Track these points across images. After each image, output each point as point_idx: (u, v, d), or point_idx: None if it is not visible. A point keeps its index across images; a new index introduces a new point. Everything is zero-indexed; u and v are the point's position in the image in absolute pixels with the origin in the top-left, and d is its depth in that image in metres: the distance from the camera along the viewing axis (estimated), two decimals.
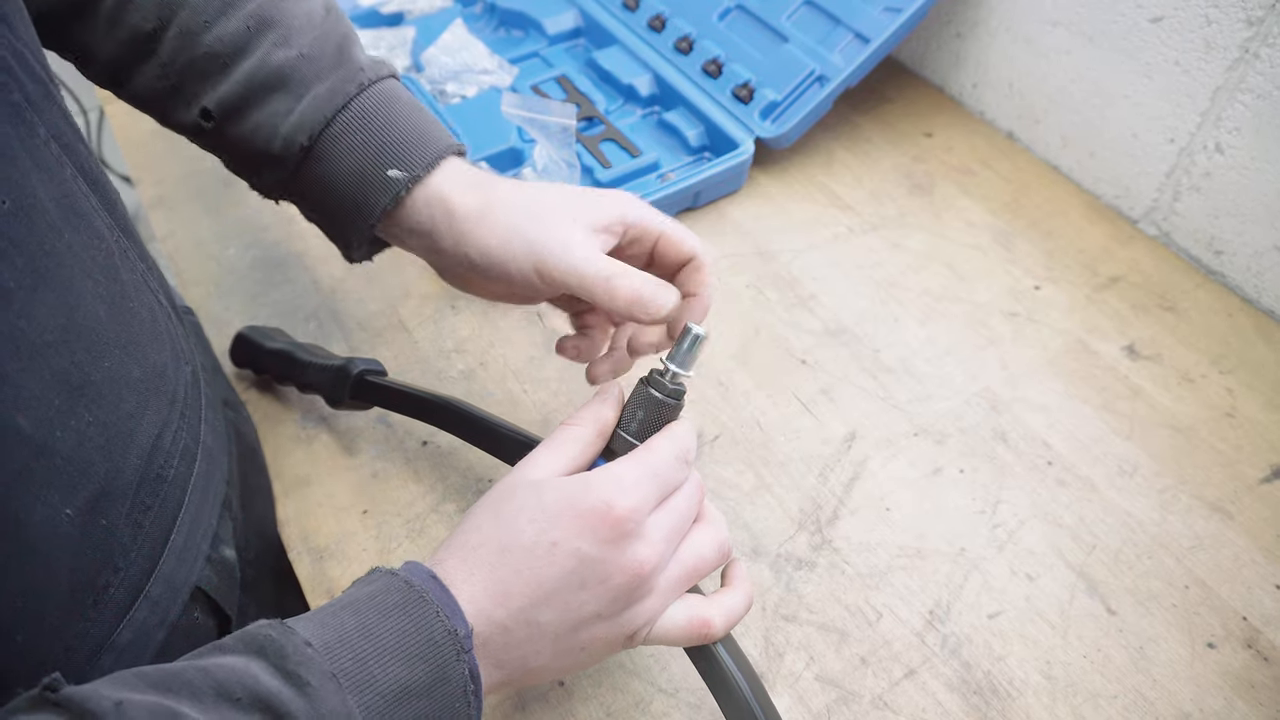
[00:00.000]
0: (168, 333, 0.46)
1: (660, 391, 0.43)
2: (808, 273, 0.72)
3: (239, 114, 0.47)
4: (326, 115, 0.46)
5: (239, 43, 0.46)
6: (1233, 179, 0.67)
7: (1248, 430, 0.61)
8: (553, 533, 0.38)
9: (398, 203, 0.47)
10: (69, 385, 0.37)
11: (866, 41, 0.76)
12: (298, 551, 0.57)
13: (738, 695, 0.42)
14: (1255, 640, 0.52)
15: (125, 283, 0.42)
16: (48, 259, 0.36)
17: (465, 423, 0.52)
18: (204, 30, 0.46)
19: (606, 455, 0.44)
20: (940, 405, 0.63)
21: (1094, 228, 0.75)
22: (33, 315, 0.35)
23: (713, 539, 0.43)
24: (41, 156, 0.37)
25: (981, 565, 0.55)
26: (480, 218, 0.46)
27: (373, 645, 0.34)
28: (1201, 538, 0.56)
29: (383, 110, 0.47)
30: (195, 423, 0.48)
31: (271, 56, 0.46)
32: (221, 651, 0.34)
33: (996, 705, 0.49)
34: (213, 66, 0.46)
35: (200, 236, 0.77)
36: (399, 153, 0.46)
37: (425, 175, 0.46)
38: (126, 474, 0.41)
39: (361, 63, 0.48)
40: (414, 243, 0.49)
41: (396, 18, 0.93)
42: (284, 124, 0.46)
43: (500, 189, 0.47)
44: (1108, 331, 0.68)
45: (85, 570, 0.40)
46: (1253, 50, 0.63)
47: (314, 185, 0.48)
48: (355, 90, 0.47)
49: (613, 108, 0.84)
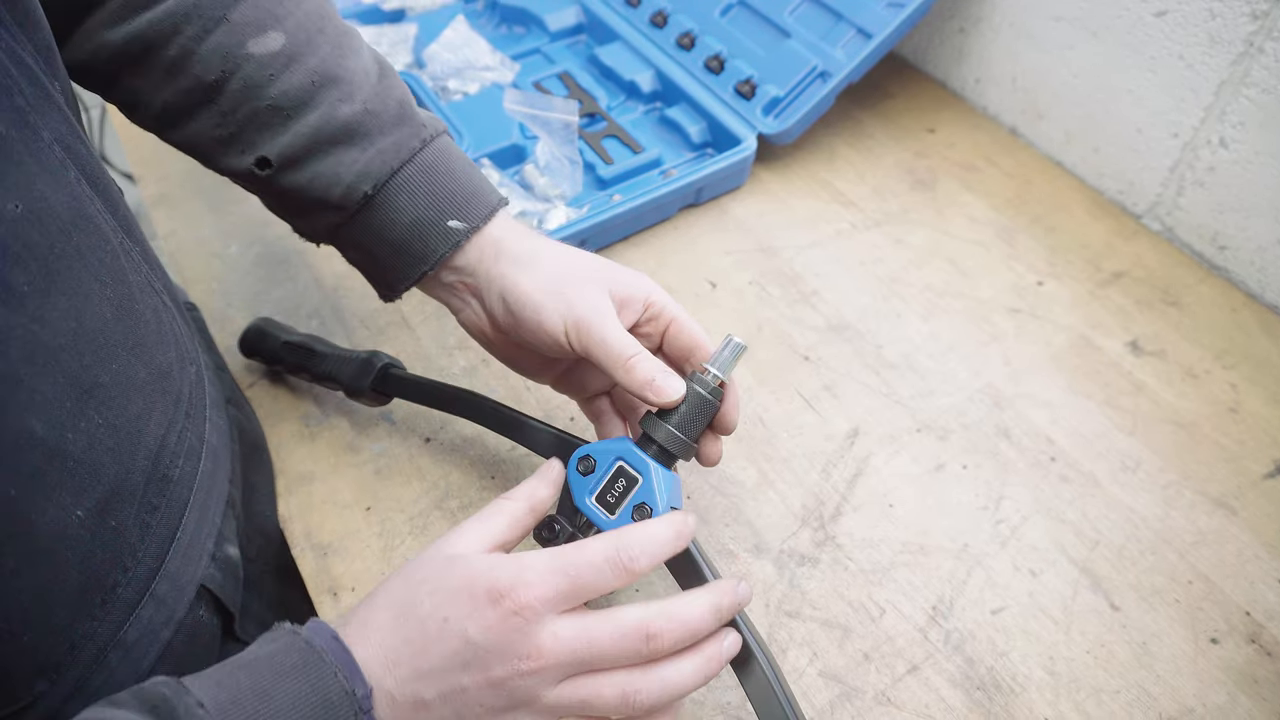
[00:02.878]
0: (172, 333, 0.47)
1: (704, 389, 0.46)
2: (810, 269, 0.72)
3: (299, 163, 0.48)
4: (393, 167, 0.48)
5: (303, 97, 0.48)
6: (1237, 174, 0.67)
7: (1251, 426, 0.61)
8: (446, 609, 0.37)
9: (455, 250, 0.49)
10: (79, 388, 0.37)
11: (869, 37, 0.75)
12: (301, 548, 0.57)
13: (759, 674, 0.42)
14: (1259, 635, 0.52)
15: (131, 284, 0.43)
16: (58, 262, 0.36)
17: (486, 413, 0.54)
18: (268, 84, 0.47)
19: (643, 443, 0.46)
20: (943, 401, 0.63)
21: (1097, 223, 0.75)
22: (45, 319, 0.36)
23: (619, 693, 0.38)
24: (47, 160, 0.38)
25: (984, 561, 0.55)
26: (529, 263, 0.48)
27: (267, 706, 0.34)
28: (1205, 533, 0.56)
29: (442, 164, 0.50)
30: (200, 422, 0.48)
31: (338, 111, 0.48)
32: (115, 706, 0.34)
33: (1000, 701, 0.49)
34: (275, 118, 0.48)
35: (202, 234, 0.77)
36: (458, 204, 0.49)
37: (483, 226, 0.49)
38: (135, 475, 0.41)
39: (423, 119, 0.51)
40: (450, 289, 0.51)
41: (398, 14, 0.93)
42: (347, 174, 0.48)
43: (548, 243, 0.50)
44: (1111, 327, 0.68)
45: (94, 570, 0.40)
46: (1257, 44, 0.62)
47: (369, 231, 0.50)
48: (419, 145, 0.49)
49: (615, 104, 0.84)
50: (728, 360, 0.47)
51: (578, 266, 0.48)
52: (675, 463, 0.46)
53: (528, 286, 0.47)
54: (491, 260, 0.49)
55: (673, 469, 0.46)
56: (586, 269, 0.48)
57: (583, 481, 0.46)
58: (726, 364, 0.47)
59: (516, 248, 0.49)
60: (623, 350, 0.45)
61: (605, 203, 0.73)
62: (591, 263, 0.49)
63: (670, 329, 0.48)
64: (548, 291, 0.47)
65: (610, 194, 0.75)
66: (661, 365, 0.45)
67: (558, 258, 0.48)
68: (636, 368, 0.45)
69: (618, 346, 0.45)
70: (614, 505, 0.45)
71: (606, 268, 0.48)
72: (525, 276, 0.48)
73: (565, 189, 0.74)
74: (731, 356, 0.47)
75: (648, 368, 0.45)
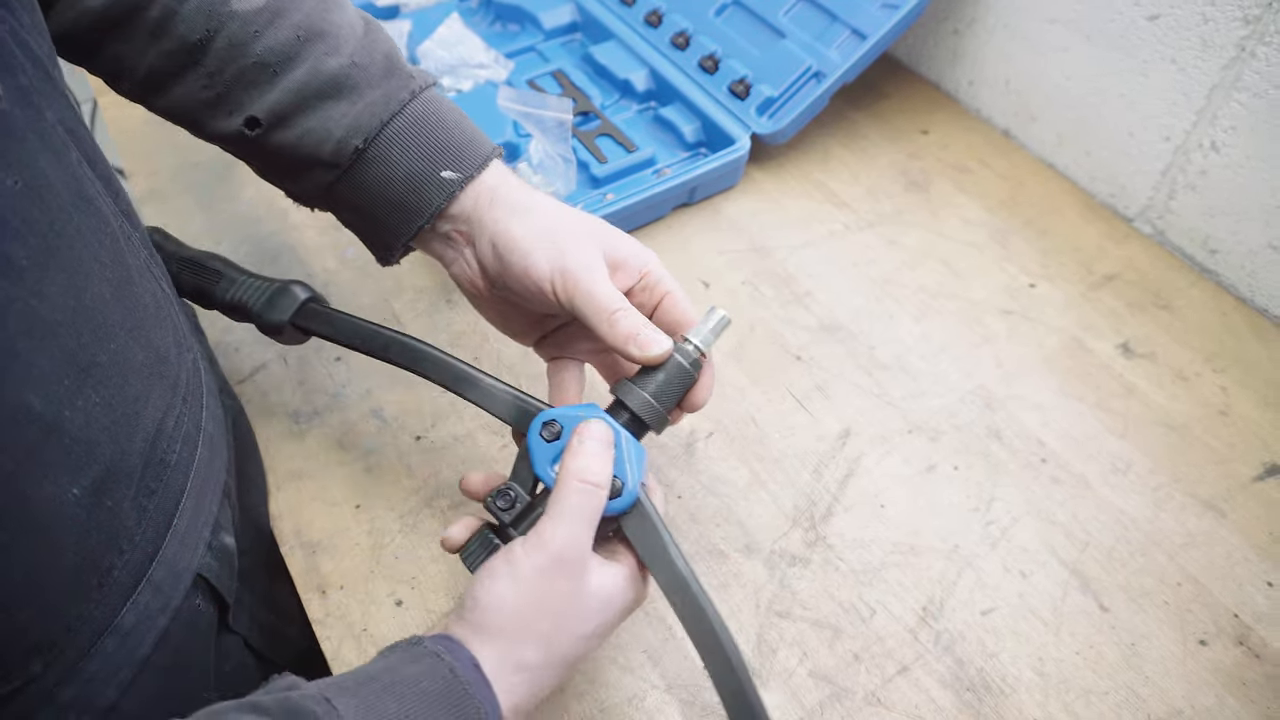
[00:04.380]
0: (170, 319, 0.47)
1: (685, 359, 0.45)
2: (803, 269, 0.72)
3: (288, 121, 0.48)
4: (382, 119, 0.47)
5: (289, 52, 0.47)
6: (1228, 178, 0.67)
7: (1241, 428, 0.61)
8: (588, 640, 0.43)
9: (450, 200, 0.48)
10: (77, 365, 0.37)
11: (864, 38, 0.76)
12: (290, 545, 0.57)
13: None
14: (1247, 637, 0.52)
15: (130, 267, 0.43)
16: (58, 239, 0.37)
17: (429, 364, 0.50)
18: (253, 40, 0.47)
19: (613, 411, 0.45)
20: (935, 402, 0.63)
21: (1089, 226, 0.75)
22: (44, 294, 0.36)
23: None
24: (50, 139, 0.38)
25: (975, 562, 0.55)
26: (524, 211, 0.47)
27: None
28: (1194, 535, 0.56)
29: (433, 115, 0.49)
30: (197, 409, 0.48)
31: (324, 65, 0.47)
32: (259, 714, 0.34)
33: (989, 702, 0.49)
34: (261, 75, 0.47)
35: (193, 230, 0.76)
36: (451, 154, 0.48)
37: (477, 175, 0.48)
38: (132, 457, 0.41)
39: (411, 71, 0.50)
40: (446, 239, 0.50)
41: (392, 11, 0.93)
42: (337, 128, 0.47)
43: (546, 197, 0.49)
44: (1102, 329, 0.68)
45: (90, 551, 0.40)
46: (1249, 49, 0.63)
47: (363, 188, 0.49)
48: (408, 97, 0.48)
49: (609, 103, 0.83)
50: (711, 332, 0.46)
51: (575, 221, 0.47)
52: (645, 434, 0.46)
53: (519, 232, 0.46)
54: (486, 206, 0.48)
55: (641, 440, 0.45)
56: (584, 225, 0.47)
57: (546, 448, 0.44)
58: (709, 336, 0.46)
59: (513, 196, 0.48)
60: (609, 303, 0.44)
61: (599, 201, 0.73)
62: (590, 221, 0.48)
63: (665, 301, 0.48)
64: (539, 239, 0.46)
65: (604, 193, 0.75)
66: (648, 322, 0.45)
67: (555, 210, 0.48)
68: (621, 320, 0.44)
69: (604, 299, 0.44)
70: None
71: (605, 228, 0.48)
72: (518, 222, 0.47)
73: (559, 187, 0.74)
74: (715, 329, 0.46)
75: (633, 321, 0.44)
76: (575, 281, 0.45)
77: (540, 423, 0.45)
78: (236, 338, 0.68)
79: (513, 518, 0.45)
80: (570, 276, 0.45)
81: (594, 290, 0.45)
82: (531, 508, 0.45)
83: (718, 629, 0.41)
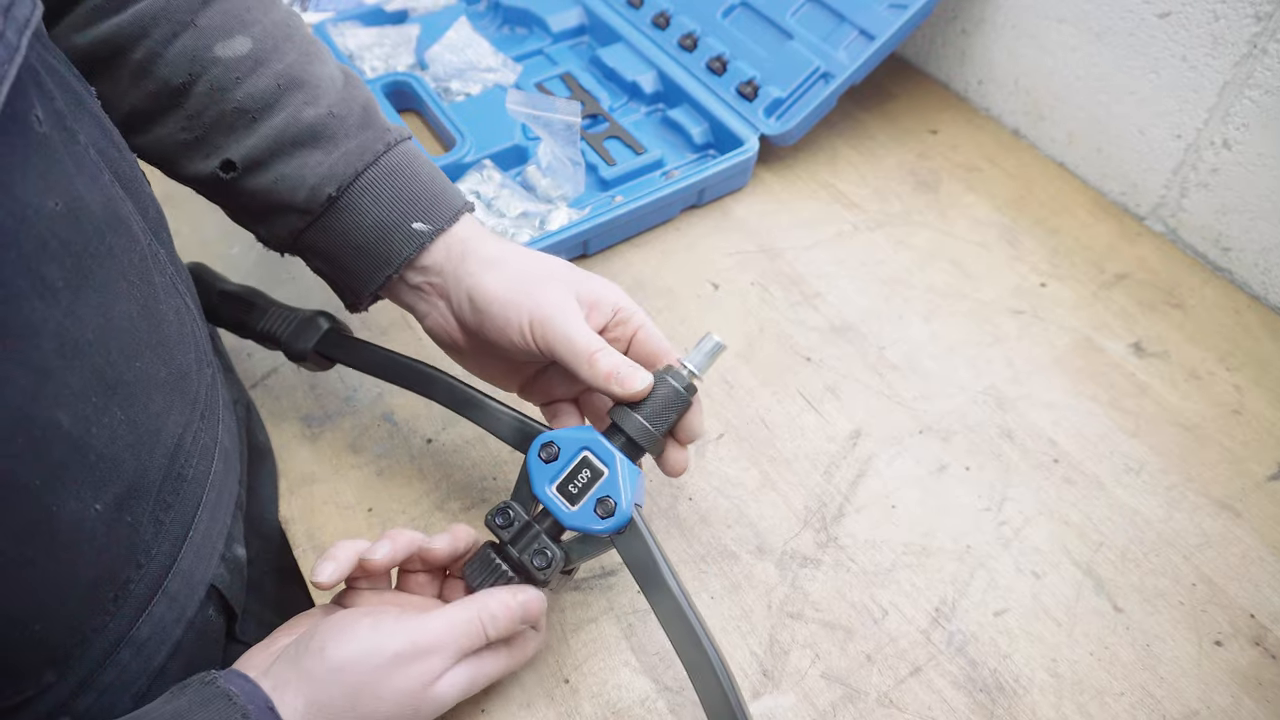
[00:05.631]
0: (192, 335, 0.47)
1: (678, 383, 0.46)
2: (813, 270, 0.72)
3: (264, 166, 0.49)
4: (357, 169, 0.49)
5: (269, 99, 0.48)
6: (1240, 175, 0.67)
7: (1255, 427, 0.61)
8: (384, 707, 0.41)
9: (420, 251, 0.49)
10: (105, 383, 0.38)
11: (871, 38, 0.75)
12: (303, 549, 0.57)
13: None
14: (1263, 638, 0.51)
15: (156, 285, 0.43)
16: (92, 260, 0.37)
17: (440, 390, 0.53)
18: (235, 86, 0.48)
19: (610, 434, 0.46)
20: (946, 403, 0.63)
21: (1100, 224, 0.75)
22: (77, 314, 0.36)
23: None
24: (83, 162, 0.38)
25: (987, 563, 0.55)
26: (494, 264, 0.48)
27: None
28: (1209, 535, 0.56)
29: (407, 167, 0.50)
30: (214, 424, 0.49)
31: (303, 113, 0.48)
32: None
33: (1003, 703, 0.49)
34: (240, 120, 0.48)
35: (205, 235, 0.77)
36: (422, 206, 0.49)
37: (448, 228, 0.50)
38: (152, 472, 0.42)
39: (387, 124, 0.51)
40: (417, 291, 0.51)
41: (400, 15, 0.93)
42: (311, 175, 0.48)
43: (515, 246, 0.50)
44: (1114, 329, 0.67)
45: (108, 565, 0.40)
46: (1261, 45, 0.62)
47: (333, 234, 0.50)
48: (384, 148, 0.50)
49: (617, 105, 0.84)
50: (705, 358, 0.46)
51: (545, 268, 0.48)
52: (641, 457, 0.46)
53: (494, 285, 0.47)
54: (459, 260, 0.49)
55: (638, 464, 0.46)
56: (553, 270, 0.48)
57: (544, 469, 0.45)
58: (703, 361, 0.46)
59: (484, 249, 0.49)
60: (587, 345, 0.45)
61: (607, 204, 0.73)
62: (559, 265, 0.49)
63: (638, 335, 0.49)
64: (514, 289, 0.47)
65: (612, 195, 0.75)
66: (626, 359, 0.46)
67: (525, 259, 0.49)
68: (600, 360, 0.45)
69: (582, 341, 0.45)
70: (576, 497, 0.45)
71: (574, 271, 0.49)
72: (491, 276, 0.48)
73: (567, 190, 0.74)
74: (709, 354, 0.46)
75: (612, 360, 0.45)
76: (552, 327, 0.46)
77: (539, 444, 0.46)
78: (249, 344, 0.68)
79: (511, 535, 0.46)
80: (546, 323, 0.46)
81: (570, 334, 0.45)
82: (529, 527, 0.46)
83: (709, 651, 0.42)
